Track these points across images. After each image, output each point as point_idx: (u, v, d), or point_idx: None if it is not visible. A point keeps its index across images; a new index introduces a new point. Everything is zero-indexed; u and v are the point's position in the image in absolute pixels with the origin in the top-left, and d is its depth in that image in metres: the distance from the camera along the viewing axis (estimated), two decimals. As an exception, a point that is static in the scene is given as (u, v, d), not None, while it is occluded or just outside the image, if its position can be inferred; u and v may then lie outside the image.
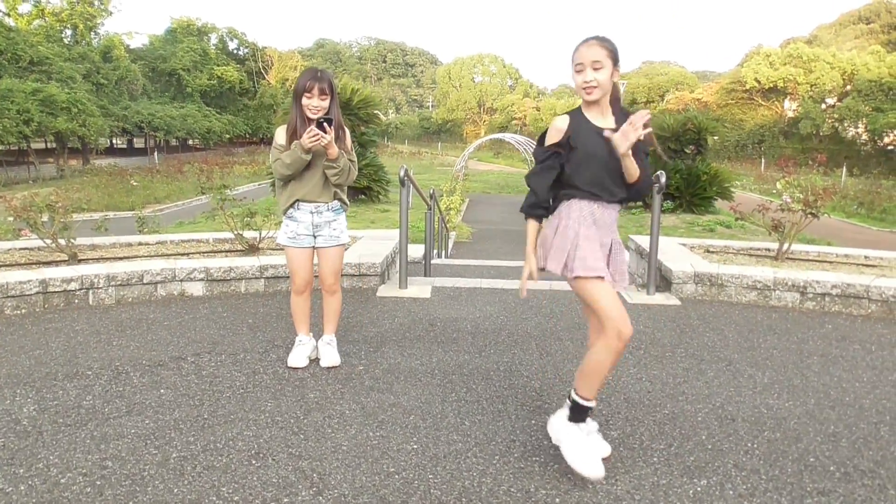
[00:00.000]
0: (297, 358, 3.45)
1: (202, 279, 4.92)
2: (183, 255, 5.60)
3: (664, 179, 5.20)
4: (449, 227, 13.75)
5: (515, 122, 67.52)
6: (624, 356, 3.70)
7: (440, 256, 9.74)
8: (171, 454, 2.51)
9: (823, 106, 45.98)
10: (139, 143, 46.38)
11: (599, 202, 2.40)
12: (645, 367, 3.58)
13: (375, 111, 15.61)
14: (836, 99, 46.09)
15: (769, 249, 6.25)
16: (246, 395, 3.09)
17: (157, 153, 41.54)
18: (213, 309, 4.54)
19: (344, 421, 2.82)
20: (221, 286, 4.98)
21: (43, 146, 33.96)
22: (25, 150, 30.46)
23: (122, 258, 5.39)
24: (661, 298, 5.08)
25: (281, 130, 3.32)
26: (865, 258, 6.14)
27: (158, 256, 5.49)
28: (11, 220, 6.37)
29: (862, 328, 4.45)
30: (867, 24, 56.34)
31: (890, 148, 42.06)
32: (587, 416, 2.43)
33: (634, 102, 60.09)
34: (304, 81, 3.20)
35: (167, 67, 49.58)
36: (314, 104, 3.20)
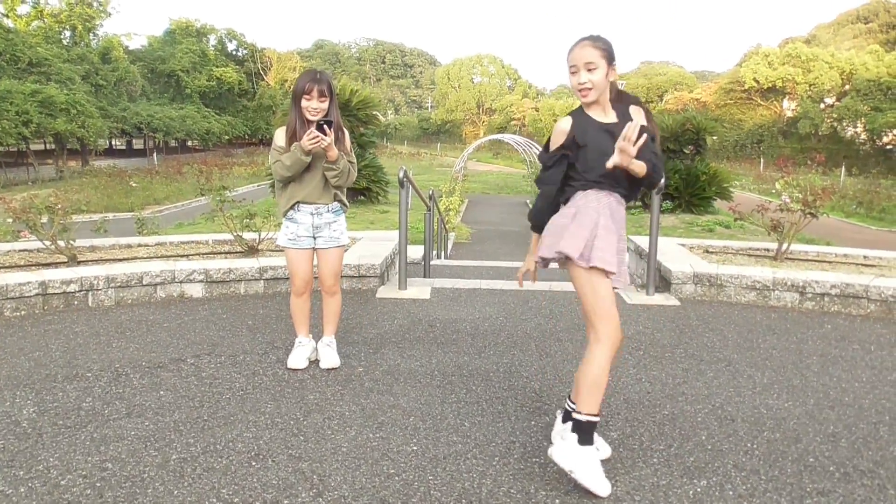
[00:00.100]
0: (296, 359, 3.45)
1: (202, 281, 4.92)
2: (182, 256, 5.60)
3: (663, 180, 5.20)
4: (448, 227, 13.76)
5: (514, 122, 67.53)
6: (623, 357, 3.70)
7: (439, 257, 9.74)
8: (170, 456, 2.51)
9: (822, 105, 46.04)
10: (138, 144, 46.30)
11: (614, 195, 2.40)
12: (644, 367, 3.59)
13: (374, 112, 15.60)
14: (834, 98, 46.15)
15: (768, 249, 6.25)
16: (246, 396, 3.09)
17: (156, 154, 41.53)
18: (212, 310, 4.54)
19: (344, 422, 2.83)
20: (221, 288, 4.98)
21: (42, 147, 33.88)
22: (24, 151, 30.42)
23: (121, 260, 5.39)
24: (660, 299, 5.08)
25: (280, 132, 3.32)
26: (864, 258, 6.15)
27: (158, 258, 5.49)
28: (11, 221, 6.37)
29: (861, 328, 4.45)
30: (865, 23, 56.42)
31: (889, 147, 42.10)
32: (594, 432, 2.33)
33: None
34: (302, 83, 3.20)
35: (166, 69, 49.51)
36: (313, 106, 3.20)
